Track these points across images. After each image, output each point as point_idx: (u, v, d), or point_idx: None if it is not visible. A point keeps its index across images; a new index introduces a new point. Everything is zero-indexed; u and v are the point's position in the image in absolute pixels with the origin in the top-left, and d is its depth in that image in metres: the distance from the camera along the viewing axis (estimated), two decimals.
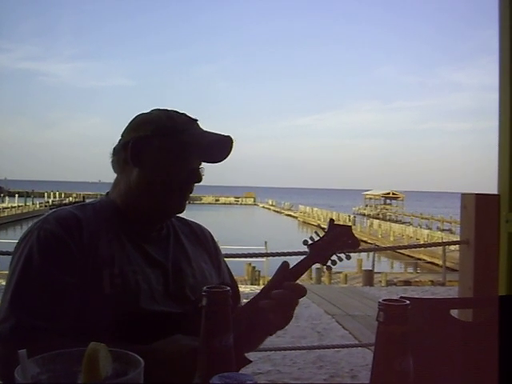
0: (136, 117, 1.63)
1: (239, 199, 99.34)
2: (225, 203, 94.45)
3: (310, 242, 1.50)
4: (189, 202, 1.65)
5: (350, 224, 1.66)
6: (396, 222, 50.51)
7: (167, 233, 1.63)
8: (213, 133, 1.60)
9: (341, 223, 1.61)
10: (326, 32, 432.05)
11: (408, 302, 0.68)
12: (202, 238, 1.73)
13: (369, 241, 34.18)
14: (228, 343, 0.83)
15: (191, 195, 1.62)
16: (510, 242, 2.34)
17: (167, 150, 1.55)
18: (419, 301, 1.70)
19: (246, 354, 1.41)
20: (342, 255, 1.51)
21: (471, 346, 1.70)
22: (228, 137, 1.59)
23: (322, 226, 49.12)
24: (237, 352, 1.39)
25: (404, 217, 55.84)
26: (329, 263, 1.50)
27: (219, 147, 1.60)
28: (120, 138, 1.61)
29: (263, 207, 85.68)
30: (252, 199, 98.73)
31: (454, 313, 2.13)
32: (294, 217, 62.34)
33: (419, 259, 27.65)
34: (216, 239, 1.83)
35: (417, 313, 1.63)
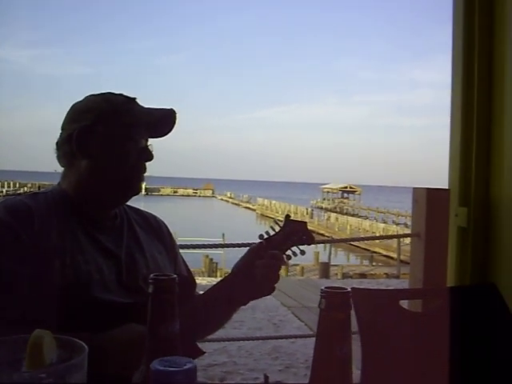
0: (72, 106, 1.59)
1: (198, 191, 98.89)
2: (183, 195, 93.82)
3: (265, 236, 1.53)
4: (147, 194, 1.65)
5: (305, 220, 1.68)
6: (353, 215, 51.12)
7: (121, 222, 1.62)
8: (155, 108, 1.60)
9: (297, 218, 1.63)
10: (289, 25, 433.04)
11: (349, 289, 0.70)
12: (156, 228, 1.72)
13: (326, 234, 34.52)
14: (174, 330, 0.84)
15: (149, 187, 1.62)
16: (459, 236, 2.40)
17: (113, 135, 1.53)
18: (370, 291, 1.73)
19: (204, 343, 1.43)
20: (297, 250, 1.54)
21: (421, 336, 1.75)
22: (171, 109, 1.60)
23: (280, 218, 49.08)
24: (190, 342, 1.41)
25: (361, 210, 56.55)
26: (284, 258, 1.53)
27: (164, 122, 1.61)
28: (61, 130, 1.58)
29: (222, 199, 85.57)
30: (210, 191, 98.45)
31: (405, 304, 2.18)
32: (252, 209, 62.50)
33: (375, 252, 28.10)
34: (174, 231, 1.83)
35: (367, 303, 1.67)
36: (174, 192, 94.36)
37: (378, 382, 1.58)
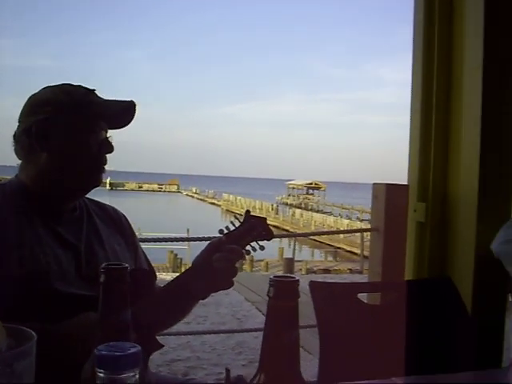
0: (30, 98, 1.57)
1: (163, 186, 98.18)
2: (148, 190, 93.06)
3: (225, 231, 1.55)
4: (111, 188, 1.65)
5: (270, 216, 1.71)
6: (318, 211, 51.45)
7: (80, 214, 1.61)
8: (114, 100, 1.60)
9: (263, 214, 1.66)
10: (255, 21, 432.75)
11: (297, 278, 0.73)
12: (116, 220, 1.73)
13: (291, 230, 34.69)
14: (125, 319, 0.85)
15: (114, 181, 1.62)
16: (417, 230, 2.45)
17: (72, 128, 1.53)
18: (328, 285, 1.77)
19: (168, 338, 1.44)
20: (256, 245, 1.56)
21: (378, 327, 1.79)
22: (131, 101, 1.60)
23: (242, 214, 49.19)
24: (149, 335, 1.42)
25: (326, 207, 56.93)
26: (242, 252, 1.55)
27: (124, 113, 1.61)
28: (18, 123, 1.56)
29: (187, 195, 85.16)
30: (176, 186, 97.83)
31: (364, 297, 2.23)
32: (217, 205, 62.36)
33: (339, 248, 28.36)
34: (138, 226, 1.83)
35: (326, 296, 1.70)
36: (139, 187, 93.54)
37: (335, 372, 1.62)
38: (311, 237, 29.79)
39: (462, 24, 2.44)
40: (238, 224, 1.56)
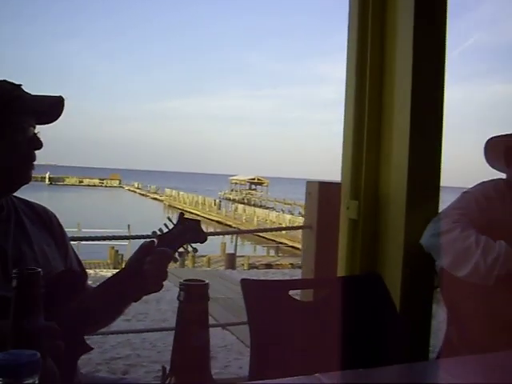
0: None
1: (104, 181, 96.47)
2: (89, 185, 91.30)
3: (158, 233, 1.55)
4: (50, 183, 1.61)
5: (213, 211, 1.72)
6: (260, 206, 51.68)
7: (8, 214, 1.57)
8: (42, 95, 1.58)
9: (205, 209, 1.67)
10: (195, 15, 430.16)
11: (207, 282, 0.74)
12: (46, 220, 1.69)
13: (233, 225, 34.78)
14: (35, 324, 0.84)
15: (53, 176, 1.59)
16: (349, 228, 2.51)
17: (0, 124, 1.49)
18: (259, 282, 1.79)
19: (107, 336, 1.43)
20: (189, 248, 1.57)
21: (310, 324, 1.82)
22: (60, 97, 1.59)
23: (188, 209, 49.28)
24: (78, 336, 1.40)
25: (268, 202, 57.24)
26: (176, 255, 1.56)
27: (52, 109, 1.59)
28: None
29: (129, 190, 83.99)
30: (117, 181, 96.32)
31: (298, 293, 2.26)
32: (160, 200, 61.79)
33: (281, 243, 28.58)
34: (78, 222, 1.80)
35: (257, 294, 1.72)
36: (80, 182, 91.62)
37: (266, 369, 1.64)
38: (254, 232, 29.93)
39: (394, 23, 2.51)
40: (171, 226, 1.57)
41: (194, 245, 1.59)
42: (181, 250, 1.56)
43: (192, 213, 47.09)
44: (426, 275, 2.29)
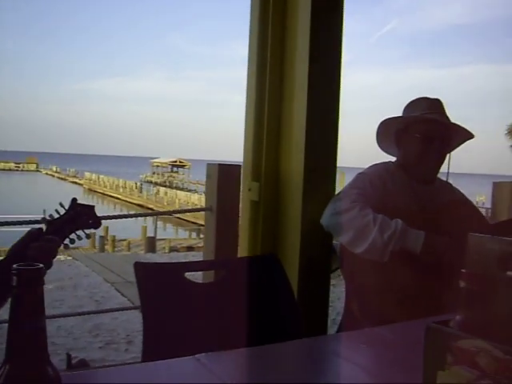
0: None
1: (20, 165, 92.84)
2: (4, 169, 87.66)
3: (48, 218, 1.51)
4: None
5: (135, 194, 1.69)
6: (182, 189, 51.29)
7: None
8: None
9: (126, 192, 1.64)
10: None
11: (41, 265, 0.73)
12: None
13: (155, 208, 34.37)
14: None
15: None
16: (251, 209, 2.55)
17: None
18: (154, 265, 1.79)
19: None
20: (82, 234, 1.54)
21: (207, 305, 1.84)
22: None
23: (108, 193, 48.32)
24: None
25: (190, 184, 56.83)
26: (67, 241, 1.53)
27: None
28: None
29: (47, 174, 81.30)
30: (34, 165, 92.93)
31: (199, 275, 2.28)
32: (79, 184, 60.23)
33: (202, 225, 28.37)
34: None
35: (151, 277, 1.72)
36: None
37: (161, 352, 1.64)
38: (175, 214, 29.73)
39: (293, 18, 2.56)
40: (62, 212, 1.54)
41: (87, 231, 1.57)
42: (72, 236, 1.53)
43: (113, 196, 46.20)
44: (323, 254, 2.35)
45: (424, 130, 2.37)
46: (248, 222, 2.52)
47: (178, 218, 29.59)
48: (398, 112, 2.47)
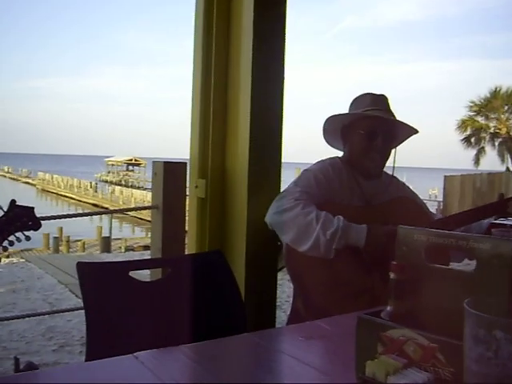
0: None
1: None
2: None
3: None
4: None
5: (90, 193, 1.67)
6: (138, 188, 50.83)
7: None
8: None
9: (81, 192, 1.62)
10: None
11: None
12: None
13: (110, 207, 33.97)
14: None
15: None
16: (198, 206, 2.55)
17: None
18: (97, 265, 1.78)
19: None
20: (22, 236, 1.53)
21: (152, 303, 1.84)
22: None
23: (62, 193, 47.51)
24: None
25: (146, 183, 56.29)
26: (5, 243, 1.51)
27: None
28: None
29: None
30: None
31: (147, 273, 2.27)
32: (32, 184, 59.04)
33: None
34: None
35: (94, 277, 1.71)
36: None
37: (104, 351, 1.63)
38: (132, 214, 29.47)
39: (238, 16, 2.57)
40: (1, 214, 1.52)
41: (26, 233, 1.55)
42: (11, 238, 1.52)
43: (67, 196, 45.44)
44: (269, 251, 2.38)
45: (367, 127, 2.41)
46: (195, 219, 2.53)
47: (134, 216, 29.32)
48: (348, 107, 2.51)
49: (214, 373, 1.16)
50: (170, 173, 2.46)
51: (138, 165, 68.90)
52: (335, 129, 2.50)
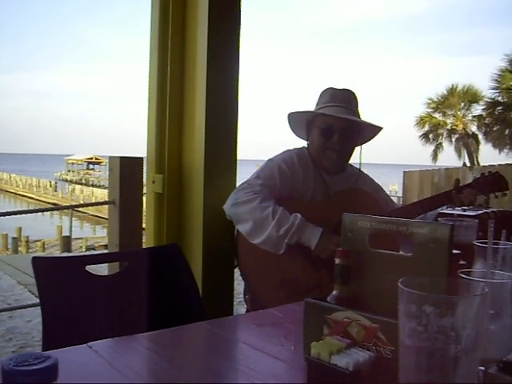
0: None
1: None
2: None
3: None
4: None
5: (49, 193, 1.67)
6: (99, 186, 50.16)
7: None
8: None
9: (40, 191, 1.61)
10: None
11: None
12: None
13: None
14: None
15: None
16: (155, 201, 2.57)
17: None
18: (54, 259, 1.79)
19: None
20: None
21: (109, 296, 1.85)
22: None
23: (21, 193, 46.59)
24: None
25: (107, 181, 55.60)
26: None
27: None
28: None
29: None
30: None
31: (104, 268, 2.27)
32: None
33: None
34: None
35: (51, 271, 1.71)
36: None
37: (61, 346, 1.64)
38: (93, 212, 29.10)
39: (193, 18, 2.59)
40: None
41: None
42: None
43: (26, 196, 44.60)
44: (226, 245, 2.41)
45: (323, 124, 2.43)
46: (153, 214, 2.54)
47: (95, 216, 28.96)
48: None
49: (168, 360, 1.18)
50: (127, 168, 2.46)
51: (99, 163, 68.04)
52: (299, 123, 2.52)
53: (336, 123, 2.41)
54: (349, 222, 1.16)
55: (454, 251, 1.05)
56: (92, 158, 68.18)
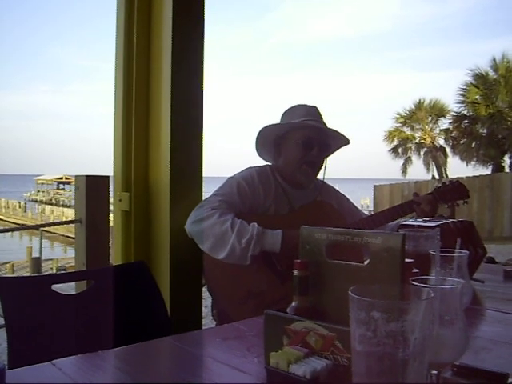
0: None
1: None
2: None
3: None
4: None
5: (18, 214, 1.66)
6: (70, 206, 49.60)
7: None
8: None
9: (9, 213, 1.60)
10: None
11: None
12: None
13: (41, 228, 33.00)
14: None
15: None
16: (122, 219, 2.57)
17: None
18: (18, 280, 1.79)
19: None
20: None
21: (75, 314, 1.85)
22: None
23: None
24: None
25: None
26: None
27: None
28: None
29: None
30: None
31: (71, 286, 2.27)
32: None
33: None
34: None
35: (16, 292, 1.71)
36: None
37: (24, 364, 1.64)
38: (63, 233, 28.76)
39: (157, 50, 2.62)
40: None
41: None
42: None
43: None
44: (193, 262, 2.42)
45: (303, 137, 2.45)
46: (120, 232, 2.54)
47: (66, 236, 28.61)
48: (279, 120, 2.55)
49: (133, 376, 1.19)
50: (93, 186, 2.47)
51: (69, 183, 67.29)
52: (268, 140, 2.54)
53: (316, 136, 2.45)
54: (306, 234, 1.19)
55: (407, 260, 1.08)
56: (62, 178, 67.46)
